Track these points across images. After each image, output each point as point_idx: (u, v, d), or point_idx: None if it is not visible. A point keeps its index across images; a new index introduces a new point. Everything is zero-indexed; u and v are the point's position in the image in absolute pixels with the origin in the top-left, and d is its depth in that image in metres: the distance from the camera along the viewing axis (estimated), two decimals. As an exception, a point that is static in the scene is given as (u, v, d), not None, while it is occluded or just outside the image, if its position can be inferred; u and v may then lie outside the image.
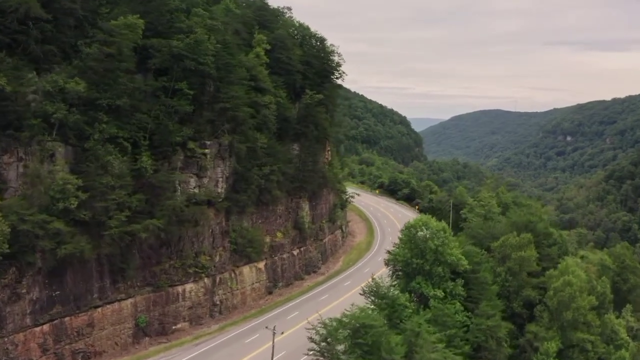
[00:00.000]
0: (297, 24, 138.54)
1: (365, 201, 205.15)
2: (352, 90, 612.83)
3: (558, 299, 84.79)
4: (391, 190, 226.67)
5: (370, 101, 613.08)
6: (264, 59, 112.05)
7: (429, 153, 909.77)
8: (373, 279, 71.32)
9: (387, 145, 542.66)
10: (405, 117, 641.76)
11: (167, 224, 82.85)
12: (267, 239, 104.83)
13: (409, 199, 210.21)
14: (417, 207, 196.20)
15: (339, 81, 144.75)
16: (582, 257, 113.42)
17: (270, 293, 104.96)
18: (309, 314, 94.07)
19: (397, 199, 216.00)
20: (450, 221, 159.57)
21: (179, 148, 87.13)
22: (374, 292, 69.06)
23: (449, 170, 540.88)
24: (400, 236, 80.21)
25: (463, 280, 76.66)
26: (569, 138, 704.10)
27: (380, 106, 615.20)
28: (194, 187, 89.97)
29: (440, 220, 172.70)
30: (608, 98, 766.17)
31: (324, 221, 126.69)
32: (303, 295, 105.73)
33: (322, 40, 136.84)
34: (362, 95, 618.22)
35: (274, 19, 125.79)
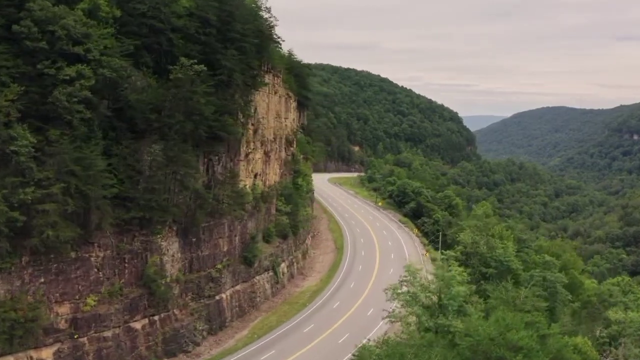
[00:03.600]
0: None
1: (358, 218, 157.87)
2: (400, 84, 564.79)
3: None
4: (400, 202, 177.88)
5: (418, 96, 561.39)
6: (105, 10, 67.78)
7: (490, 152, 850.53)
8: None
9: (434, 143, 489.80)
10: (456, 113, 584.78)
11: None
12: (64, 309, 59.50)
13: (416, 216, 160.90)
14: (415, 230, 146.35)
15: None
16: None
17: (68, 402, 59.91)
18: None
19: (404, 215, 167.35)
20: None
21: None
22: None
23: (502, 172, 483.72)
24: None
25: None
26: (636, 137, 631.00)
27: (429, 101, 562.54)
28: None
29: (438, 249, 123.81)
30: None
31: (221, 266, 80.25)
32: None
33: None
34: (409, 89, 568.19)
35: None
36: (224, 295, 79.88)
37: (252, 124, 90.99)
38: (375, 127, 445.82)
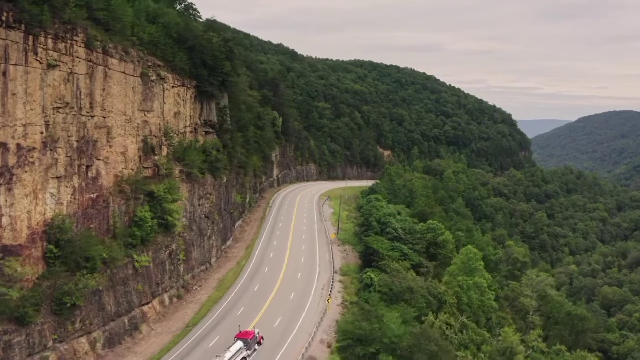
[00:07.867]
0: None
1: (281, 263, 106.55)
2: (448, 83, 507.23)
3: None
4: (366, 235, 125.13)
5: (466, 96, 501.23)
6: None
7: (553, 157, 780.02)
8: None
9: (481, 148, 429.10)
10: (510, 115, 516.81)
11: None
12: None
13: (369, 263, 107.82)
14: (329, 300, 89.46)
15: None
16: None
17: None
18: None
19: (360, 256, 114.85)
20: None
21: None
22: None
23: (557, 182, 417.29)
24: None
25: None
26: None
27: (479, 102, 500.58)
28: None
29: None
30: None
31: None
32: None
33: None
34: (458, 88, 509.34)
35: None
36: None
37: None
38: (411, 130, 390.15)
